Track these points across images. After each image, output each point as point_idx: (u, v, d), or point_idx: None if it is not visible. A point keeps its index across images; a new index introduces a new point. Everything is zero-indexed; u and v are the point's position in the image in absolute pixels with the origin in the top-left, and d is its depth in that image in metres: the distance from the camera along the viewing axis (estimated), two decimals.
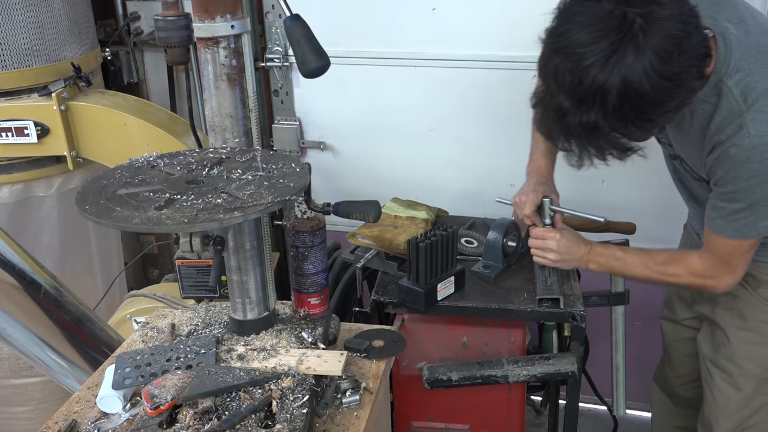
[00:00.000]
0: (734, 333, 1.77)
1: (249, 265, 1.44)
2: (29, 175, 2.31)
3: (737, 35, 1.44)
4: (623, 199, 2.50)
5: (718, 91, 1.45)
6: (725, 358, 1.79)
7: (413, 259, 1.79)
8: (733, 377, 1.79)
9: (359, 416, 1.37)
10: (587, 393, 2.27)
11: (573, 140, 1.39)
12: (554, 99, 1.35)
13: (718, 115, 1.46)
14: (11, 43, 2.14)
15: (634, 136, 1.38)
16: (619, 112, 1.29)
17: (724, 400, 1.82)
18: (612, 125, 1.32)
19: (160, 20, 1.73)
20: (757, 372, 1.76)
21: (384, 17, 2.52)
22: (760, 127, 1.41)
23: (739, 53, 1.43)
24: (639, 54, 1.25)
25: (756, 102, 1.41)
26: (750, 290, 1.73)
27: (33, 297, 1.83)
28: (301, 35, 1.34)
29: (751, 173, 1.44)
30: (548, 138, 1.47)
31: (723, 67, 1.44)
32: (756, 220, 1.50)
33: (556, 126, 1.39)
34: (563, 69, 1.31)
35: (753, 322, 1.74)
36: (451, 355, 1.89)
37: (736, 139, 1.43)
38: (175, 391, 1.28)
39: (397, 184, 2.66)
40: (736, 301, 1.75)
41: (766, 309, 1.72)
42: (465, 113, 2.54)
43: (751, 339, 1.75)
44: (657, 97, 1.29)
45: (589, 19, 1.29)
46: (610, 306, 2.14)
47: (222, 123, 1.44)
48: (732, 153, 1.44)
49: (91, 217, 1.19)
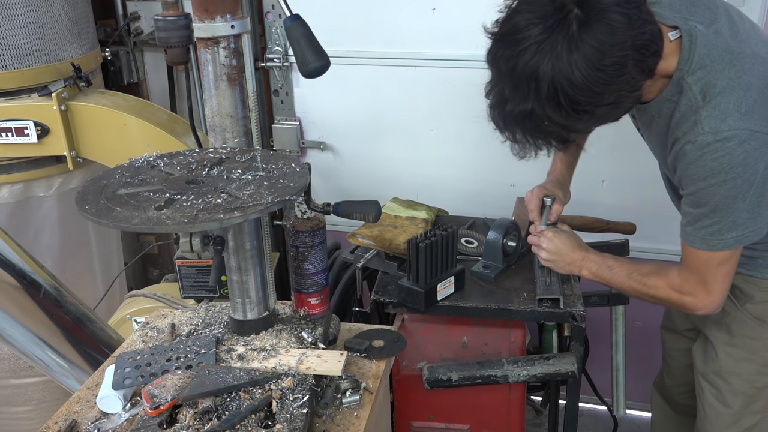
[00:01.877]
0: (722, 348, 1.74)
1: (249, 265, 1.44)
2: (29, 175, 2.31)
3: (705, 34, 1.42)
4: (623, 199, 2.50)
5: (679, 88, 1.44)
6: (714, 372, 1.76)
7: (413, 259, 1.79)
8: (721, 392, 1.76)
9: (359, 416, 1.37)
10: (587, 393, 2.27)
11: (516, 129, 1.40)
12: (496, 87, 1.37)
13: (678, 112, 1.44)
14: (11, 43, 2.14)
15: (574, 127, 1.36)
16: (553, 100, 1.29)
17: (714, 416, 1.79)
18: (547, 114, 1.32)
19: (160, 20, 1.73)
20: (744, 389, 1.72)
21: (384, 17, 2.52)
22: (713, 123, 1.37)
23: (703, 51, 1.41)
24: (571, 42, 1.25)
25: (714, 99, 1.38)
26: (737, 305, 1.69)
27: (33, 297, 1.82)
28: (301, 35, 1.34)
29: (707, 173, 1.40)
30: (496, 127, 1.45)
31: (686, 64, 1.42)
32: (722, 230, 1.45)
33: (498, 114, 1.40)
34: (501, 55, 1.32)
35: (740, 338, 1.70)
36: (451, 355, 1.89)
37: (690, 135, 1.40)
38: (175, 391, 1.29)
39: (397, 184, 2.66)
40: (725, 315, 1.71)
41: (752, 325, 1.68)
42: (465, 113, 2.54)
43: (738, 355, 1.71)
44: (590, 87, 1.28)
45: (530, 6, 1.30)
46: (610, 306, 2.14)
47: (222, 123, 1.44)
48: (687, 150, 1.41)
49: (91, 217, 1.19)
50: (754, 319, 1.68)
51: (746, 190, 1.40)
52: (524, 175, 2.55)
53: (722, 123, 1.37)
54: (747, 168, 1.38)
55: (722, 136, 1.37)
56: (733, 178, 1.38)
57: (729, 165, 1.37)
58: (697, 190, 1.44)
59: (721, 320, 1.73)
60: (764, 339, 1.68)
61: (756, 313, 1.67)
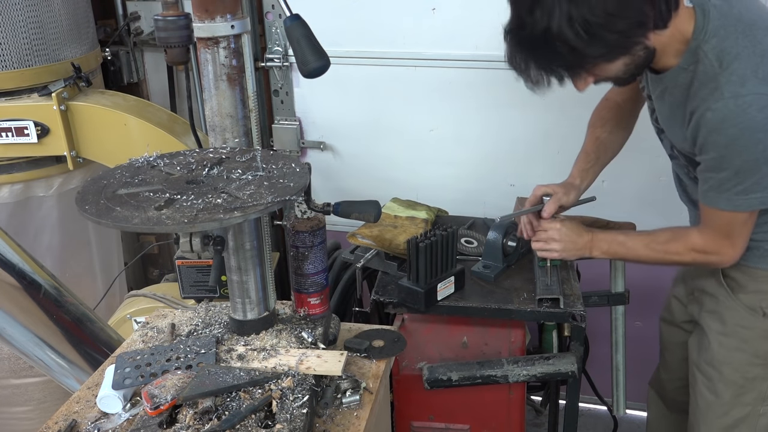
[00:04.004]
0: (714, 337, 1.76)
1: (249, 265, 1.44)
2: (29, 175, 2.31)
3: (719, 5, 1.46)
4: (623, 199, 2.50)
5: (695, 58, 1.47)
6: (706, 362, 1.78)
7: (413, 259, 1.79)
8: (712, 382, 1.77)
9: (359, 416, 1.37)
10: (587, 393, 2.27)
11: (529, 57, 1.43)
12: (513, 11, 1.43)
13: (696, 81, 1.47)
14: (11, 43, 2.14)
15: (585, 51, 1.38)
16: (566, 18, 1.33)
17: (705, 406, 1.80)
18: (561, 34, 1.35)
19: (160, 20, 1.73)
20: (735, 378, 1.73)
21: (384, 17, 2.52)
22: (733, 88, 1.40)
23: (717, 21, 1.45)
24: None
25: (730, 65, 1.42)
26: (731, 294, 1.72)
27: (33, 297, 1.82)
28: (301, 35, 1.34)
29: (728, 139, 1.43)
30: (510, 58, 1.48)
31: (701, 34, 1.45)
32: (746, 190, 1.48)
33: (513, 40, 1.44)
34: None
35: (732, 327, 1.72)
36: (451, 355, 1.89)
37: (710, 101, 1.43)
38: (175, 391, 1.28)
39: (397, 184, 2.66)
40: (718, 304, 1.74)
41: (745, 314, 1.70)
42: (465, 113, 2.54)
43: (730, 344, 1.73)
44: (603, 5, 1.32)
45: None
46: (610, 306, 2.14)
47: (222, 123, 1.44)
48: (708, 117, 1.44)
49: (91, 217, 1.19)
50: (746, 308, 1.70)
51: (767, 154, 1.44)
52: (524, 175, 2.56)
53: (742, 87, 1.40)
54: (767, 133, 1.41)
55: (742, 101, 1.40)
56: (754, 143, 1.42)
57: (751, 130, 1.41)
58: (720, 155, 1.47)
59: (714, 309, 1.76)
60: (755, 329, 1.70)
61: (748, 302, 1.69)
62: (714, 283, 1.77)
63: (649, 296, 2.42)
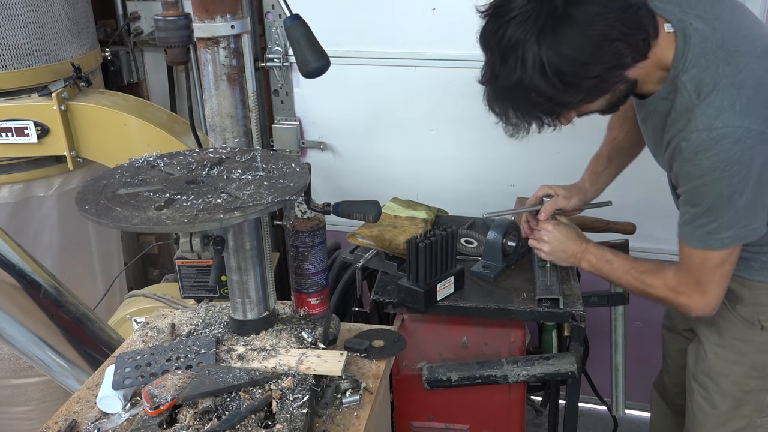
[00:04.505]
0: (711, 349, 1.73)
1: (249, 265, 1.44)
2: (29, 175, 2.31)
3: (702, 31, 1.42)
4: (623, 199, 2.49)
5: (674, 87, 1.44)
6: (703, 373, 1.76)
7: (413, 259, 1.79)
8: (709, 393, 1.75)
9: (359, 416, 1.37)
10: (587, 393, 2.27)
11: (507, 104, 1.43)
12: (487, 63, 1.41)
13: (674, 111, 1.45)
14: (11, 43, 2.14)
15: (561, 99, 1.37)
16: (539, 71, 1.32)
17: (702, 417, 1.79)
18: (534, 85, 1.33)
19: (160, 20, 1.73)
20: (732, 391, 1.71)
21: (384, 17, 2.52)
22: (707, 120, 1.37)
23: (698, 49, 1.41)
24: (555, 12, 1.29)
25: (708, 96, 1.39)
26: (729, 306, 1.68)
27: (33, 297, 1.82)
28: (301, 35, 1.34)
29: (702, 171, 1.40)
30: (488, 105, 1.47)
31: (680, 62, 1.42)
32: (719, 228, 1.44)
33: (490, 90, 1.43)
34: (490, 29, 1.37)
35: (729, 340, 1.70)
36: (451, 355, 1.89)
37: (685, 132, 1.41)
38: (175, 391, 1.29)
39: (397, 184, 2.66)
40: (716, 316, 1.69)
41: (742, 327, 1.67)
42: (465, 113, 2.54)
43: (727, 357, 1.71)
44: (575, 57, 1.31)
45: None
46: (610, 306, 2.14)
47: (222, 123, 1.44)
48: (682, 147, 1.42)
49: (91, 217, 1.19)
50: (744, 321, 1.67)
51: (742, 188, 1.40)
52: (524, 175, 2.56)
53: (716, 120, 1.37)
54: (742, 166, 1.38)
55: (716, 133, 1.37)
56: (728, 176, 1.38)
57: (724, 163, 1.37)
58: (693, 188, 1.44)
59: (712, 321, 1.73)
60: (753, 342, 1.67)
61: (745, 315, 1.67)
62: None
63: None
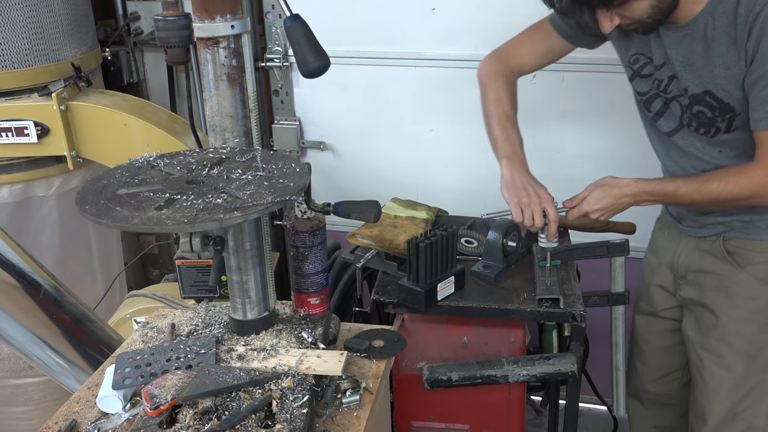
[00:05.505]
0: (723, 312, 1.78)
1: (249, 265, 1.44)
2: (29, 175, 2.31)
3: None
4: None
5: None
6: (716, 339, 1.80)
7: (413, 259, 1.79)
8: (723, 358, 1.79)
9: (359, 416, 1.37)
10: (587, 393, 2.27)
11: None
12: None
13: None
14: (11, 43, 2.14)
15: None
16: None
17: (715, 384, 1.82)
18: None
19: (160, 20, 1.73)
20: (747, 350, 1.76)
21: (384, 17, 2.52)
22: None
23: None
24: None
25: None
26: (739, 267, 1.74)
27: (33, 297, 1.82)
28: (301, 35, 1.34)
29: None
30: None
31: None
32: None
33: None
34: None
35: (741, 299, 1.75)
36: (451, 355, 1.89)
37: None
38: (175, 391, 1.28)
39: (397, 184, 2.66)
40: (723, 280, 1.77)
41: (754, 285, 1.73)
42: (465, 113, 2.54)
43: (740, 316, 1.76)
44: None
45: None
46: (610, 306, 2.14)
47: (222, 123, 1.44)
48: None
49: (91, 217, 1.19)
50: (756, 279, 1.72)
51: None
52: None
53: None
54: None
55: None
56: None
57: None
58: None
59: (719, 286, 1.78)
60: (766, 298, 1.73)
61: (758, 273, 1.72)
62: (715, 261, 1.79)
63: None
